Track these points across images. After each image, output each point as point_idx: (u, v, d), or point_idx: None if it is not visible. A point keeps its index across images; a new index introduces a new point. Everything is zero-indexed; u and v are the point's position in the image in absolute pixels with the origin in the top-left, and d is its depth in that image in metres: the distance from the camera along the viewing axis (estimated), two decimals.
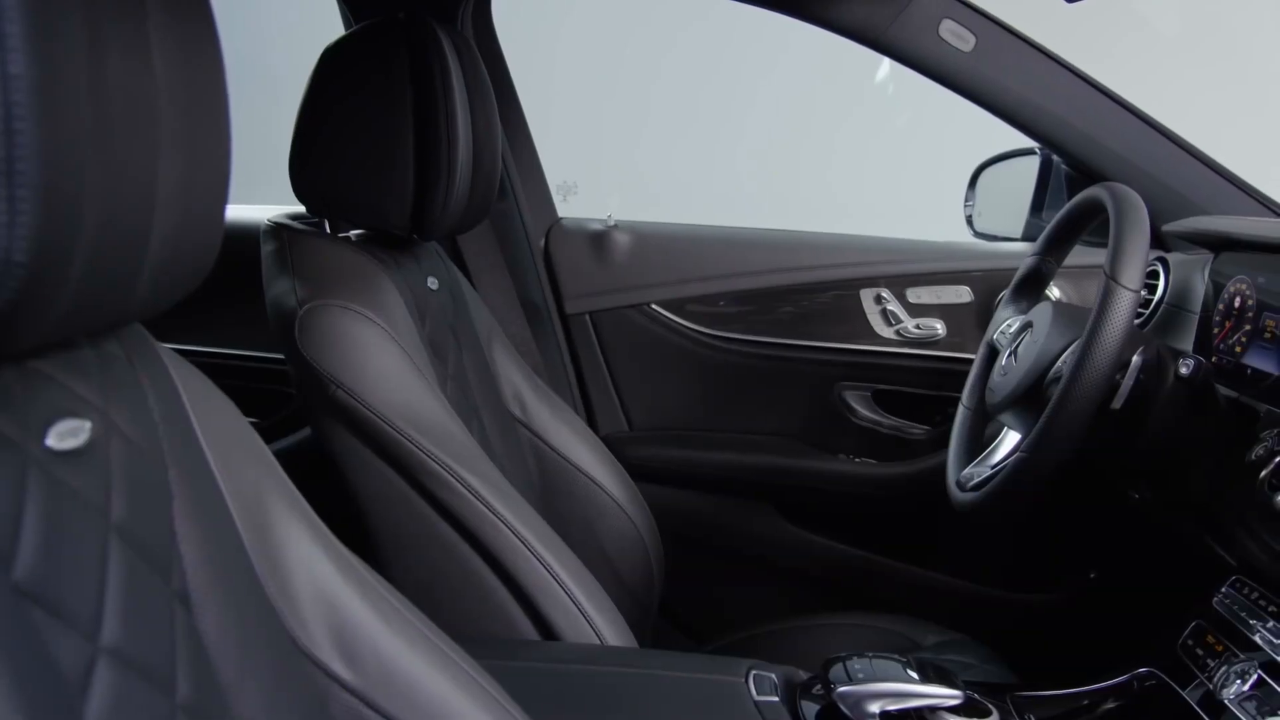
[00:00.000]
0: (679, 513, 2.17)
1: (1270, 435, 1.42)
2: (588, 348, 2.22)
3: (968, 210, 2.30)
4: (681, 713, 1.14)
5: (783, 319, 2.20)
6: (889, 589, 2.17)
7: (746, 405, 2.22)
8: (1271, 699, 1.21)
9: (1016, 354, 1.55)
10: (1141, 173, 1.93)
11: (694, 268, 2.20)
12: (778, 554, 2.19)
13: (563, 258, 2.21)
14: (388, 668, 0.87)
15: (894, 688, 1.14)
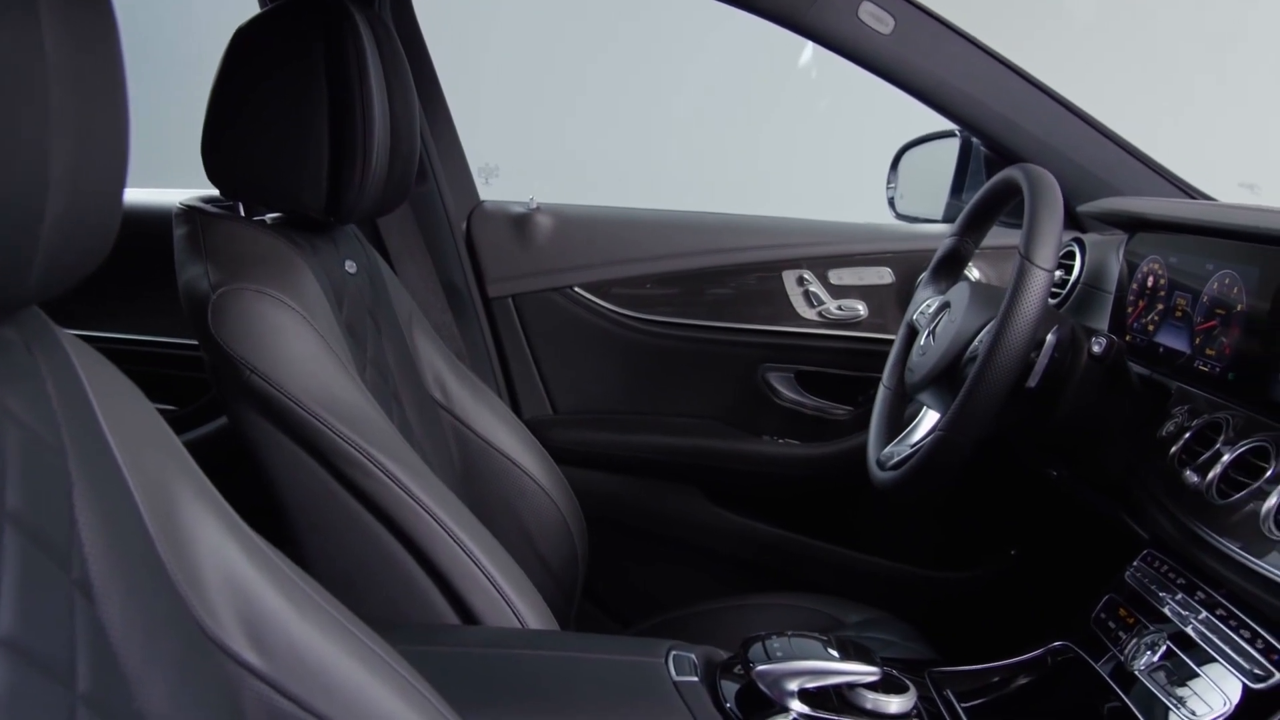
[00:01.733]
0: (603, 496, 2.17)
1: (1181, 412, 1.44)
2: (510, 331, 2.21)
3: (889, 192, 2.32)
4: (600, 694, 1.14)
5: (706, 301, 2.21)
6: (813, 569, 2.18)
7: (670, 388, 2.23)
8: (1180, 669, 1.23)
9: (935, 334, 1.56)
10: (1058, 155, 1.95)
11: (617, 250, 2.20)
12: (702, 536, 2.20)
13: (485, 241, 2.20)
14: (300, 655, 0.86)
15: (812, 665, 1.14)
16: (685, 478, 2.20)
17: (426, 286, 2.11)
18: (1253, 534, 1.19)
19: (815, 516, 2.19)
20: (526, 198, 2.22)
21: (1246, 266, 1.40)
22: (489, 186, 2.31)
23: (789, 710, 1.13)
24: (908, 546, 2.17)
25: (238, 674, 0.84)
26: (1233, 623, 1.23)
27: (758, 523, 2.19)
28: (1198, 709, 1.17)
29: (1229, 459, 1.29)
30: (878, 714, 1.16)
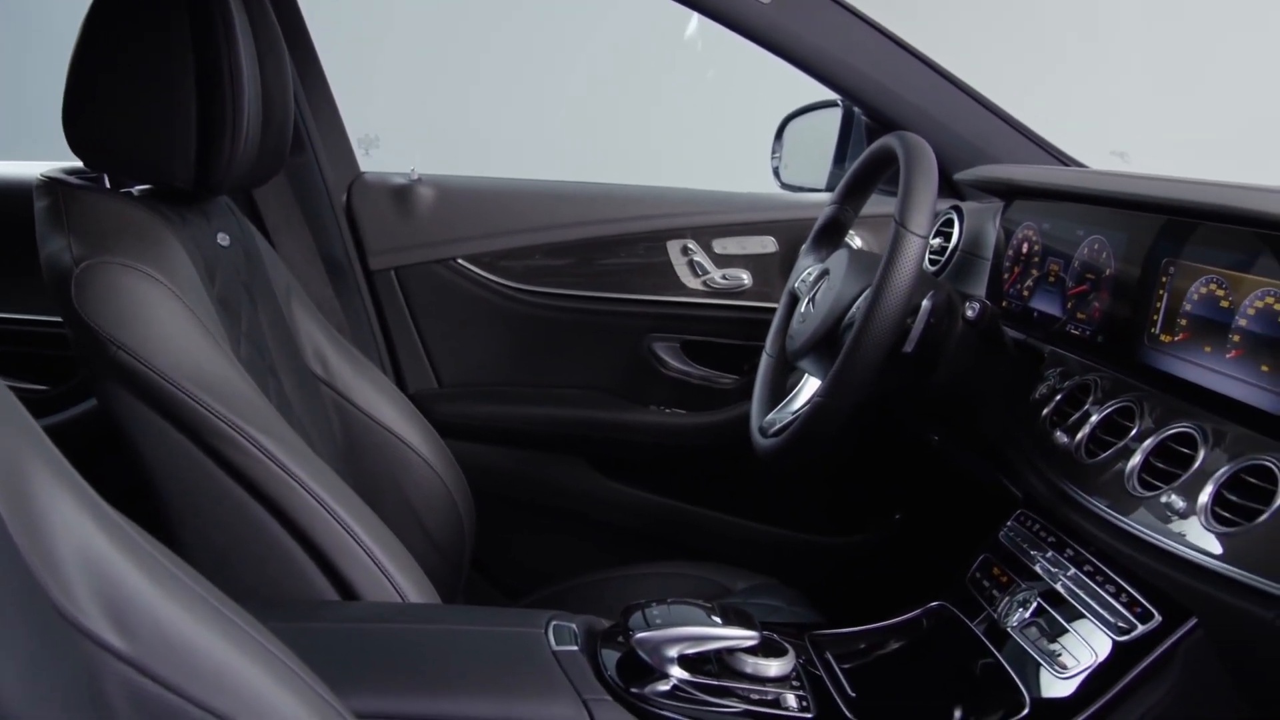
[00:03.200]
0: (491, 468, 2.16)
1: (1053, 375, 1.48)
2: (393, 304, 2.18)
3: (774, 162, 2.33)
4: (480, 666, 1.13)
5: (590, 272, 2.20)
6: (701, 537, 2.19)
7: (556, 359, 2.22)
8: (1051, 625, 1.26)
9: (814, 301, 1.58)
10: (936, 123, 1.98)
11: (501, 222, 2.18)
12: (591, 507, 2.20)
13: (366, 213, 2.16)
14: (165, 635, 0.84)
15: (691, 631, 1.14)
16: (572, 449, 2.20)
17: (305, 259, 2.07)
18: (1119, 492, 1.22)
19: (703, 485, 2.20)
20: (408, 169, 2.18)
21: (1115, 232, 1.43)
22: (369, 157, 2.27)
23: (669, 676, 1.14)
24: (795, 513, 2.20)
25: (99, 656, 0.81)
26: (1099, 578, 1.26)
27: (646, 492, 2.20)
28: (1067, 663, 1.20)
29: (1097, 420, 1.33)
30: (757, 677, 1.17)
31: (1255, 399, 1.13)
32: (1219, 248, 1.23)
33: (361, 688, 1.07)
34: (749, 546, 2.18)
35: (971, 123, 2.00)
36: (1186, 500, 1.12)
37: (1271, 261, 1.14)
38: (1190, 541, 1.09)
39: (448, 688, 1.09)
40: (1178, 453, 1.19)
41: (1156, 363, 1.30)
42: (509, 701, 1.08)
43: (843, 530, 2.20)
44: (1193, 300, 1.25)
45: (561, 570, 1.92)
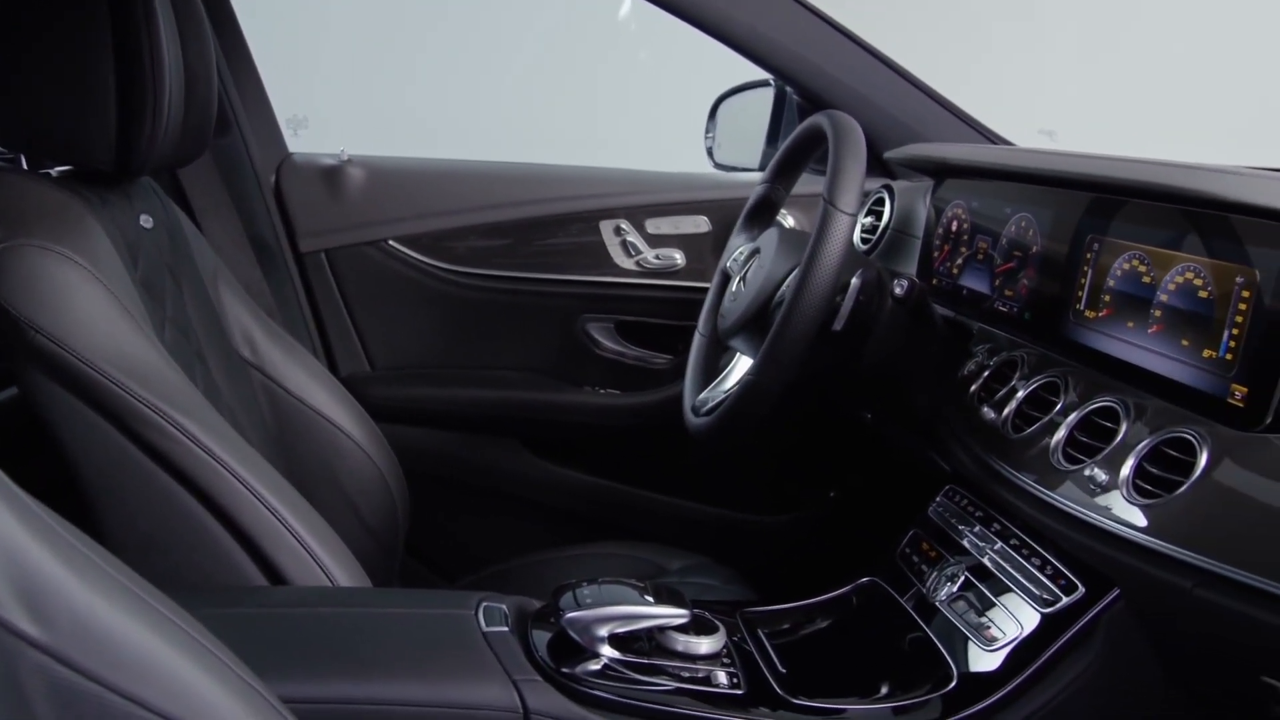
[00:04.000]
0: (425, 452, 2.14)
1: (981, 351, 1.49)
2: (324, 287, 2.15)
3: (708, 142, 2.32)
4: (409, 648, 1.12)
5: (523, 253, 2.19)
6: (637, 518, 2.20)
7: (490, 341, 2.21)
8: (978, 599, 1.28)
9: (745, 280, 1.58)
10: (867, 102, 1.98)
11: (432, 203, 2.16)
12: (526, 489, 2.20)
13: (295, 194, 2.13)
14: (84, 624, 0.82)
15: (622, 610, 1.14)
16: (507, 431, 2.19)
17: (233, 242, 2.05)
18: (1044, 466, 1.23)
19: (639, 465, 2.20)
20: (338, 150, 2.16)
21: (1041, 210, 1.45)
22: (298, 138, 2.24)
23: (599, 656, 1.14)
24: (730, 492, 2.20)
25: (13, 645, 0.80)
26: (1025, 551, 1.27)
27: (581, 474, 2.20)
28: (994, 636, 1.22)
29: (1023, 395, 1.34)
30: (688, 655, 1.17)
31: (1176, 373, 1.15)
32: (1142, 224, 1.25)
33: (289, 673, 1.06)
34: (685, 526, 2.19)
35: (902, 102, 2.01)
36: (1109, 473, 1.13)
37: (1192, 238, 1.16)
38: (1112, 514, 1.11)
39: (376, 671, 1.09)
40: (1101, 427, 1.20)
41: (1081, 338, 1.31)
42: (438, 684, 1.08)
43: (778, 509, 2.21)
44: (1116, 276, 1.26)
45: (497, 552, 1.92)
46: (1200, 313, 1.13)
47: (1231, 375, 1.07)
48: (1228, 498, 1.02)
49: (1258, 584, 0.94)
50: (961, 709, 1.17)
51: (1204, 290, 1.13)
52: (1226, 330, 1.09)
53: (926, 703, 1.19)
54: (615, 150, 2.78)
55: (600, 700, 1.11)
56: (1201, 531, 1.02)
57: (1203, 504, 1.03)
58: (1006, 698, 1.16)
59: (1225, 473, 1.03)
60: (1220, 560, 0.98)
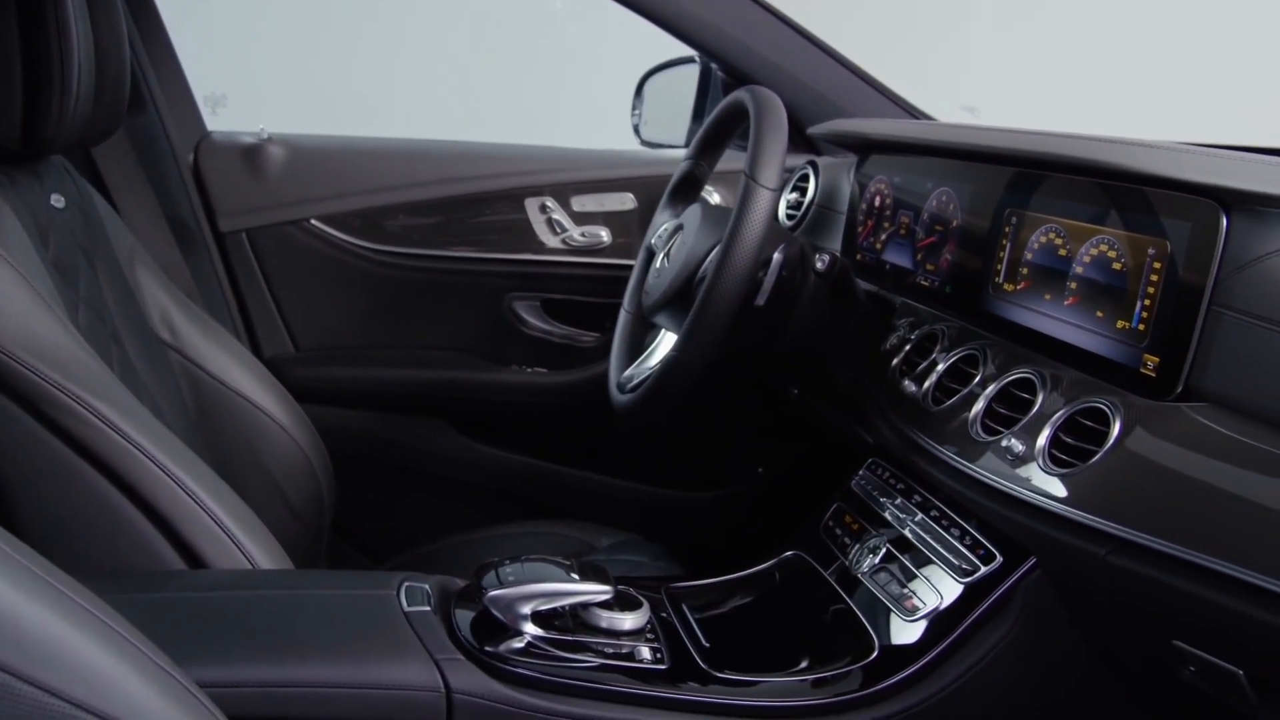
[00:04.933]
0: (351, 432, 2.12)
1: (903, 325, 1.50)
2: (245, 267, 2.12)
3: (634, 119, 2.32)
4: (329, 630, 1.11)
5: (448, 231, 2.17)
6: (567, 496, 2.20)
7: (415, 320, 2.19)
8: (900, 570, 1.29)
9: (669, 256, 1.58)
10: (791, 78, 1.99)
11: (355, 181, 2.13)
12: (455, 468, 2.18)
13: (214, 173, 2.10)
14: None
15: (544, 588, 1.14)
16: (434, 411, 2.17)
17: (151, 222, 2.01)
18: (963, 438, 1.25)
19: (568, 443, 2.20)
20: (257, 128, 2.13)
21: (962, 184, 1.46)
22: (217, 116, 2.21)
23: (523, 634, 1.14)
24: (660, 470, 2.21)
25: None
26: (945, 522, 1.29)
27: (510, 453, 2.19)
28: (915, 607, 1.23)
29: (943, 368, 1.35)
30: (611, 631, 1.17)
31: (1090, 344, 1.16)
32: (1058, 198, 1.26)
33: (206, 657, 1.05)
34: (614, 504, 2.19)
35: (826, 78, 2.02)
36: (1025, 444, 1.15)
37: (1106, 211, 1.17)
38: (1028, 484, 1.12)
39: (296, 653, 1.08)
40: (1019, 398, 1.22)
41: (1000, 311, 1.33)
42: (359, 665, 1.07)
43: (706, 485, 2.22)
44: (1033, 250, 1.28)
45: (426, 533, 1.91)
46: (1114, 284, 1.14)
47: (1144, 346, 1.09)
48: (1139, 466, 1.03)
49: (1168, 550, 0.96)
50: (881, 679, 1.18)
51: (1118, 262, 1.14)
52: (1139, 301, 1.10)
53: (847, 674, 1.20)
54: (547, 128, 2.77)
55: (523, 678, 1.11)
56: (1114, 500, 1.03)
57: (1115, 472, 1.05)
58: (925, 667, 1.18)
59: (1137, 441, 1.05)
60: (1132, 527, 1.00)
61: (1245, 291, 1.00)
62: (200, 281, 2.07)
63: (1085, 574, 1.08)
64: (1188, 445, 1.01)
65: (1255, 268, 1.00)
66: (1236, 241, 1.02)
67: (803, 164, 1.96)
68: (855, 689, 1.18)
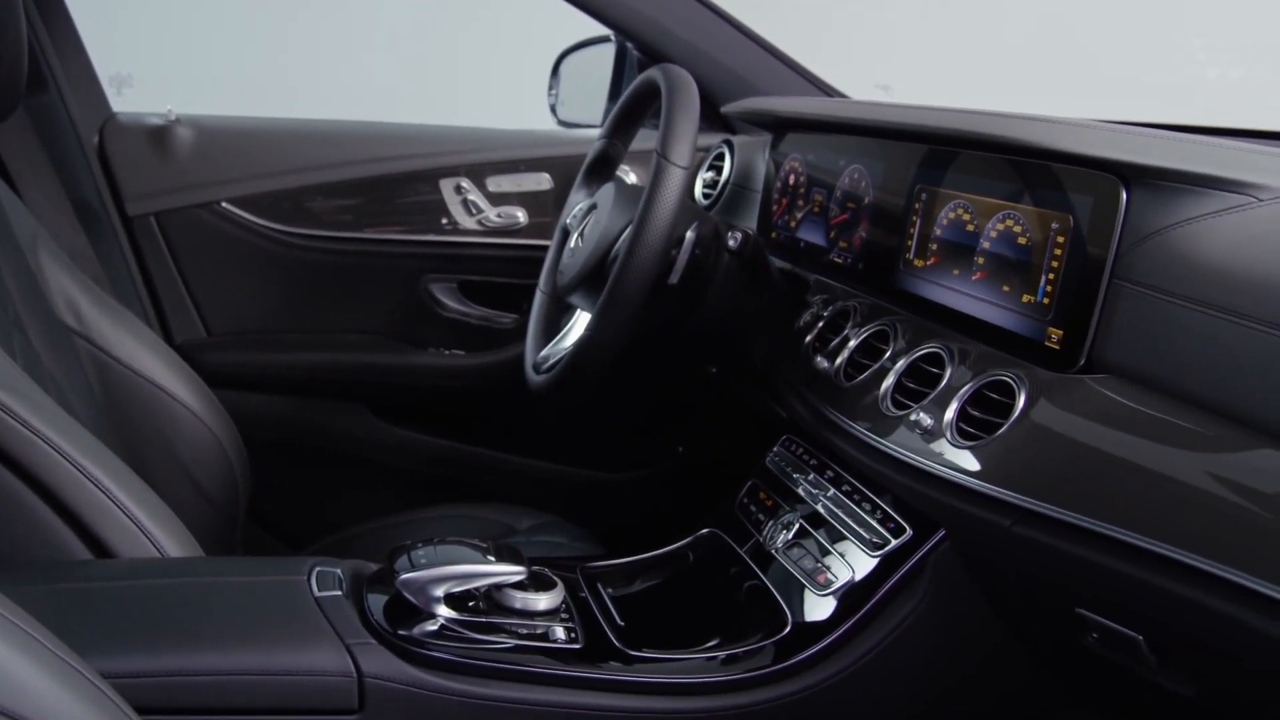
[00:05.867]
0: (267, 418, 2.10)
1: (817, 302, 1.51)
2: (155, 251, 2.08)
3: (551, 99, 2.31)
4: (239, 617, 1.10)
5: (363, 213, 2.15)
6: (488, 478, 2.19)
7: (331, 303, 2.16)
8: (814, 546, 1.30)
9: (583, 236, 1.57)
10: (705, 57, 1.99)
11: (267, 163, 2.10)
12: (373, 452, 2.17)
13: (120, 155, 2.05)
14: None
15: (457, 570, 1.13)
16: (351, 395, 2.15)
17: (54, 206, 1.96)
18: (874, 413, 1.26)
19: (488, 426, 2.19)
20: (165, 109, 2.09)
21: (873, 161, 1.47)
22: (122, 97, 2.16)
23: (436, 616, 1.13)
24: (580, 451, 2.20)
25: None
26: (857, 497, 1.30)
27: (429, 436, 2.18)
28: (827, 581, 1.24)
29: (855, 344, 1.36)
30: (525, 612, 1.17)
31: (997, 318, 1.18)
32: (967, 174, 1.27)
33: (111, 648, 1.03)
34: (535, 486, 2.18)
35: (740, 57, 2.02)
36: (934, 418, 1.16)
37: (1012, 186, 1.19)
38: (937, 457, 1.13)
39: (204, 641, 1.06)
40: (928, 373, 1.23)
41: (911, 287, 1.34)
42: (268, 651, 1.06)
43: (627, 466, 2.22)
44: (942, 225, 1.29)
45: (346, 518, 1.89)
46: (1020, 259, 1.16)
47: (1048, 319, 1.11)
48: (1043, 437, 1.05)
49: (1070, 519, 0.98)
50: (793, 654, 1.19)
51: (1023, 237, 1.16)
52: (1044, 275, 1.12)
53: (759, 649, 1.21)
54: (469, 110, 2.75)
55: (436, 660, 1.10)
56: (1019, 471, 1.05)
57: (1020, 444, 1.06)
58: (836, 642, 1.19)
59: (1041, 413, 1.06)
60: (1036, 498, 1.01)
61: (1145, 264, 1.02)
62: (108, 266, 2.02)
63: (991, 545, 1.10)
64: (1089, 417, 1.02)
65: (1154, 241, 1.02)
66: (1136, 215, 1.04)
67: (718, 143, 1.96)
68: (767, 664, 1.19)
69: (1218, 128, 1.57)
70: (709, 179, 1.94)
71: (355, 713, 1.08)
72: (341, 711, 1.08)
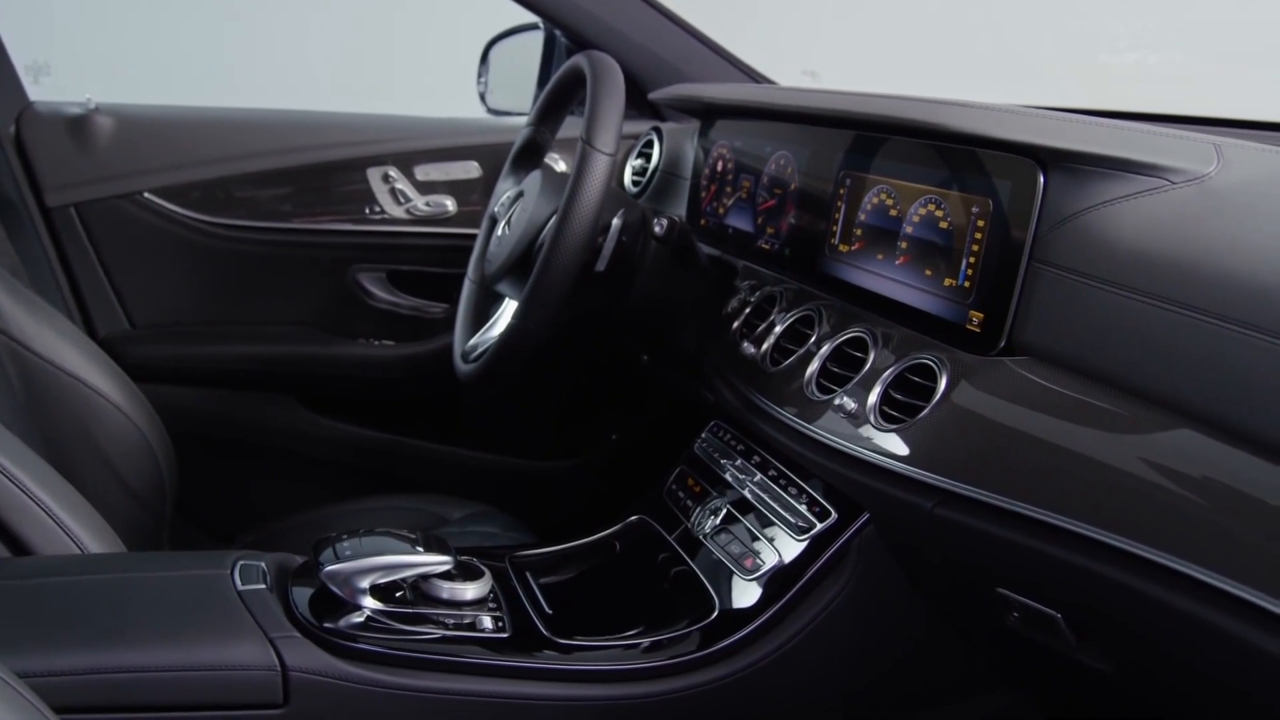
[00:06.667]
0: (194, 412, 2.07)
1: (744, 288, 1.51)
2: (76, 243, 2.04)
3: (480, 87, 2.30)
4: (160, 613, 1.08)
5: (289, 203, 2.12)
6: (421, 469, 2.17)
7: (258, 295, 2.13)
8: (739, 531, 1.30)
9: (510, 224, 1.56)
10: (633, 44, 1.99)
11: (190, 152, 2.07)
12: (305, 445, 2.14)
13: (38, 145, 2.01)
14: None
15: (382, 561, 1.13)
16: (280, 387, 2.13)
17: None
18: (800, 398, 1.26)
19: (420, 416, 2.17)
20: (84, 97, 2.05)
21: (799, 147, 1.47)
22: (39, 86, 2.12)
23: (361, 608, 1.12)
24: (514, 440, 2.20)
25: None
26: (783, 482, 1.30)
27: (360, 427, 2.16)
28: (754, 566, 1.24)
29: (780, 329, 1.37)
30: (453, 602, 1.17)
31: (919, 302, 1.19)
32: (890, 159, 1.28)
33: (28, 647, 1.01)
34: (469, 475, 2.17)
35: (669, 43, 2.02)
36: (857, 402, 1.17)
37: (933, 170, 1.19)
38: (860, 440, 1.14)
39: (124, 638, 1.04)
40: (852, 357, 1.23)
41: (836, 272, 1.34)
42: (189, 647, 1.04)
43: (561, 454, 2.21)
44: (866, 210, 1.29)
45: (276, 512, 1.87)
46: (941, 243, 1.16)
47: (969, 302, 1.11)
48: (963, 420, 1.06)
49: (989, 500, 0.99)
50: (718, 640, 1.19)
51: (945, 221, 1.16)
52: (965, 259, 1.13)
53: (685, 636, 1.21)
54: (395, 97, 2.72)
55: (362, 652, 1.10)
56: (940, 453, 1.05)
57: (941, 427, 1.07)
58: (763, 626, 1.19)
59: (962, 395, 1.07)
60: (956, 480, 1.02)
61: (1062, 247, 1.03)
62: (26, 259, 1.99)
63: (914, 527, 1.10)
64: (1008, 398, 1.03)
65: (1071, 223, 1.03)
66: (1053, 199, 1.05)
67: (648, 130, 1.96)
68: (693, 650, 1.19)
69: (1135, 112, 1.59)
70: (638, 166, 1.94)
71: (280, 707, 1.07)
72: (266, 706, 1.07)
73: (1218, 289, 0.88)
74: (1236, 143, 1.07)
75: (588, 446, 2.22)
